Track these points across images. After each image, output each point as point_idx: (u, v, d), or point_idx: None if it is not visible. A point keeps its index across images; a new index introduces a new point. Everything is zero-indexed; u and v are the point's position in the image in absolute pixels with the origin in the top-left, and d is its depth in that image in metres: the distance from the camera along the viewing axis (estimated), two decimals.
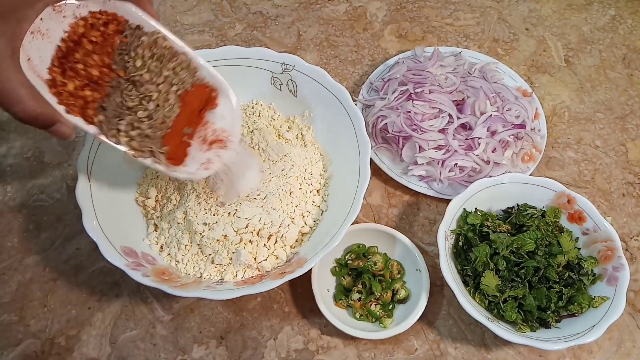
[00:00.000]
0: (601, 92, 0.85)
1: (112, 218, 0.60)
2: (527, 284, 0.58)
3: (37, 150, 0.78)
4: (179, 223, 0.62)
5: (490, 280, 0.58)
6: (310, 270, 0.61)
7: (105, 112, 0.46)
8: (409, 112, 0.72)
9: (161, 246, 0.62)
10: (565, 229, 0.63)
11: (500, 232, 0.62)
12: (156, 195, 0.66)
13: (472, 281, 0.60)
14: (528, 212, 0.63)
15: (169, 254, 0.62)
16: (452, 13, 0.96)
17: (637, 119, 0.81)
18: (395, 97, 0.74)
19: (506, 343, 0.62)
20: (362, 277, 0.63)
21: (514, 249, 0.60)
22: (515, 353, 0.61)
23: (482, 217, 0.63)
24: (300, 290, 0.65)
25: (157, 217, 0.64)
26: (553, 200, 0.64)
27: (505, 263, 0.59)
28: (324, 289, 0.63)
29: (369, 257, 0.64)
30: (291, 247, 0.63)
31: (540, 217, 0.63)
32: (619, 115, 0.82)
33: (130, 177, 0.68)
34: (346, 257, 0.65)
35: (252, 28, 0.93)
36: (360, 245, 0.65)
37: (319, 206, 0.65)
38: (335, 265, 0.65)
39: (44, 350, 0.61)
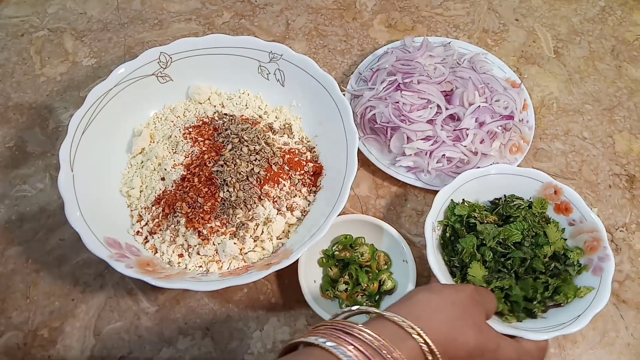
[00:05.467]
0: (590, 83, 0.85)
1: (95, 209, 0.59)
2: (513, 275, 0.58)
3: (19, 139, 0.76)
4: (164, 212, 0.61)
5: (477, 271, 0.58)
6: (297, 261, 0.60)
7: None
8: (397, 102, 0.71)
9: (145, 237, 0.62)
10: (551, 220, 0.63)
11: (487, 223, 0.61)
12: (140, 186, 0.65)
13: (459, 272, 0.60)
14: (515, 203, 0.63)
15: (153, 245, 0.61)
16: (442, 3, 0.95)
17: (624, 110, 0.81)
18: (383, 88, 0.74)
19: None
20: (349, 268, 0.62)
21: (501, 240, 0.59)
22: None
23: (469, 208, 0.63)
24: (286, 281, 0.65)
25: (142, 208, 0.63)
26: (540, 191, 0.64)
27: (492, 254, 0.59)
28: (310, 280, 0.62)
29: (356, 248, 0.64)
30: (278, 238, 0.62)
31: (527, 208, 0.63)
32: (607, 107, 0.82)
33: (114, 167, 0.67)
34: (333, 248, 0.65)
35: (240, 16, 0.92)
36: (348, 236, 0.65)
37: (306, 197, 0.65)
38: (322, 256, 0.65)
39: (26, 343, 0.60)
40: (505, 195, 0.65)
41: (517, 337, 0.52)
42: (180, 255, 0.60)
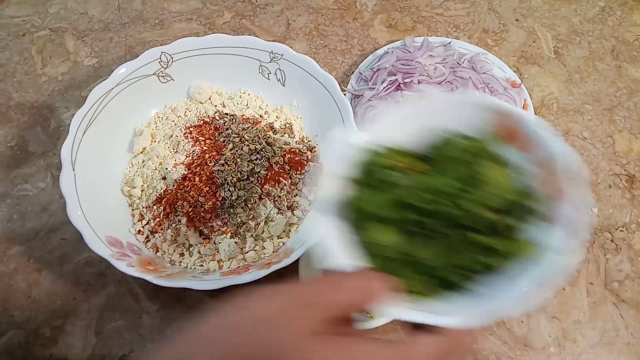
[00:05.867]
0: (590, 83, 0.85)
1: (97, 208, 0.60)
2: (439, 239, 0.40)
3: (21, 139, 0.76)
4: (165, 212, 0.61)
5: (383, 236, 0.40)
6: (298, 260, 0.60)
7: None
8: (398, 102, 0.71)
9: (147, 236, 0.62)
10: (503, 160, 0.44)
11: (406, 171, 0.42)
12: (142, 185, 0.65)
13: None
14: (450, 139, 0.44)
15: (154, 244, 0.61)
16: (442, 3, 0.95)
17: (624, 110, 0.82)
18: (384, 87, 0.74)
19: (492, 332, 0.62)
20: None
21: (422, 193, 0.40)
22: (501, 343, 0.62)
23: (382, 154, 0.43)
24: (287, 280, 0.64)
25: (143, 207, 0.64)
26: (490, 121, 0.44)
27: (407, 213, 0.40)
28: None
29: None
30: (278, 237, 0.62)
31: (470, 144, 0.44)
32: (607, 107, 0.82)
33: (115, 167, 0.67)
34: None
35: (241, 16, 0.92)
36: None
37: (307, 197, 0.65)
38: None
39: (28, 341, 0.61)
40: (436, 131, 0.45)
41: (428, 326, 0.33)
42: (181, 254, 0.60)
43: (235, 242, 0.60)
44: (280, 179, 0.64)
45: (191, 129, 0.67)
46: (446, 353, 0.30)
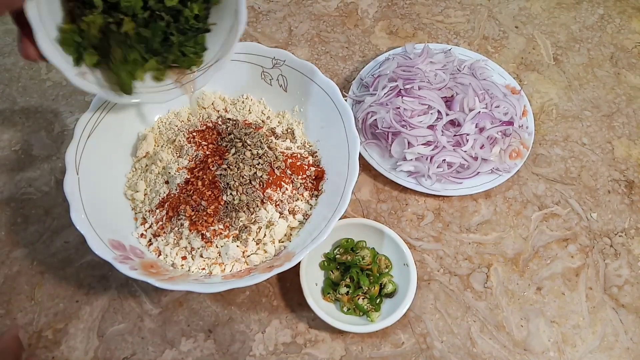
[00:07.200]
0: (589, 90, 0.86)
1: (100, 211, 0.60)
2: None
3: (25, 143, 0.77)
4: (168, 216, 0.62)
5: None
6: (299, 264, 0.61)
7: None
8: (398, 108, 0.72)
9: (149, 240, 0.62)
10: None
11: None
12: (145, 189, 0.66)
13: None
14: None
15: (157, 248, 0.62)
16: (442, 10, 0.96)
17: (623, 117, 0.82)
18: (385, 93, 0.75)
19: (492, 337, 0.62)
20: (350, 271, 0.63)
21: None
22: (501, 347, 0.62)
23: None
24: (288, 284, 0.65)
25: (146, 211, 0.64)
26: None
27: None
28: (312, 283, 0.63)
29: (357, 251, 0.65)
30: (280, 241, 0.63)
31: None
32: (606, 113, 0.83)
33: (118, 171, 0.68)
34: (335, 251, 0.66)
35: None
36: (349, 240, 0.66)
37: (308, 201, 0.66)
38: (324, 259, 0.66)
39: (31, 344, 0.61)
40: None
41: None
42: (184, 258, 0.61)
43: (237, 246, 0.60)
44: (282, 183, 0.64)
45: (194, 134, 0.68)
46: None
